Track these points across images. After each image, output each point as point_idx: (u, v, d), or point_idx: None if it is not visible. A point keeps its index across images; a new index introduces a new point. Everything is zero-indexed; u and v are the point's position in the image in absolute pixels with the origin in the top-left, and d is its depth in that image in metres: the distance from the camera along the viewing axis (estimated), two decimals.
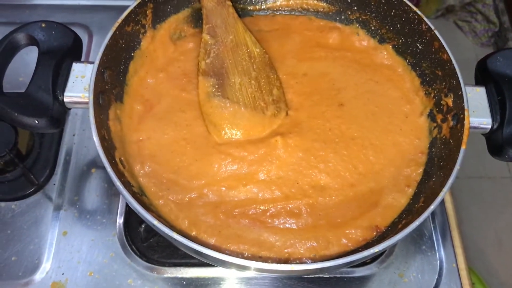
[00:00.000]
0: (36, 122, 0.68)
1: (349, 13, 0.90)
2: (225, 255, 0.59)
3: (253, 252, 0.68)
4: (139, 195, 0.70)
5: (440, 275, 0.83)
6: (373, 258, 0.84)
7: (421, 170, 0.76)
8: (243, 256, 0.67)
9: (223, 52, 0.82)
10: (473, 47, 2.56)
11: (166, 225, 0.60)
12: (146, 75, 0.82)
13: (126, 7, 0.77)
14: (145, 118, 0.79)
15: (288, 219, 0.71)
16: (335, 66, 0.86)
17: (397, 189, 0.75)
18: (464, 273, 0.84)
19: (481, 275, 1.80)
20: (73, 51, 0.74)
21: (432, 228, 0.87)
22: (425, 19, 0.78)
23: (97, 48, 0.71)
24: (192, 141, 0.77)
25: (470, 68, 0.79)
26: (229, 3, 0.86)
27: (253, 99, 0.79)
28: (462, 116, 0.70)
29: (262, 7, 0.94)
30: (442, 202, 0.91)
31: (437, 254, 0.85)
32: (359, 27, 0.90)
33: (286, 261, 0.67)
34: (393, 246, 0.85)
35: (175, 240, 0.60)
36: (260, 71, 0.82)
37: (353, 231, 0.70)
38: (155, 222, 0.60)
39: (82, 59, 0.75)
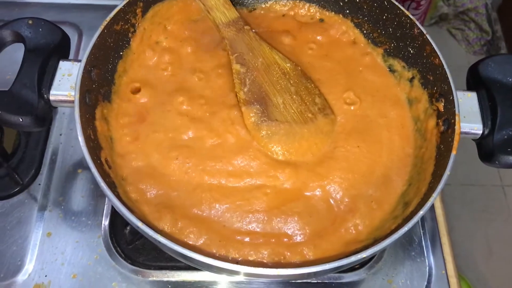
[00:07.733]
0: (21, 120, 0.66)
1: (341, 16, 0.90)
2: (211, 259, 0.57)
3: (238, 256, 0.66)
4: None
5: (429, 281, 0.82)
6: (362, 264, 0.83)
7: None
8: (229, 260, 0.66)
9: (258, 77, 0.80)
10: (466, 54, 2.57)
11: (150, 227, 0.59)
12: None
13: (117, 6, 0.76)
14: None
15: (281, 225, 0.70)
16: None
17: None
18: (453, 280, 0.83)
19: (471, 282, 1.80)
20: (61, 48, 0.73)
21: (422, 234, 0.86)
22: (417, 23, 0.78)
23: (86, 47, 0.70)
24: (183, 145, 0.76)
25: (462, 75, 0.78)
26: (248, 27, 0.84)
27: (300, 113, 0.77)
28: (453, 121, 0.69)
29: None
30: (432, 207, 0.90)
31: (426, 260, 0.84)
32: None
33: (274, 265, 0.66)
34: (382, 251, 0.84)
35: (160, 242, 0.58)
36: (298, 85, 0.80)
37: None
38: (139, 224, 0.59)
39: (72, 58, 0.74)
